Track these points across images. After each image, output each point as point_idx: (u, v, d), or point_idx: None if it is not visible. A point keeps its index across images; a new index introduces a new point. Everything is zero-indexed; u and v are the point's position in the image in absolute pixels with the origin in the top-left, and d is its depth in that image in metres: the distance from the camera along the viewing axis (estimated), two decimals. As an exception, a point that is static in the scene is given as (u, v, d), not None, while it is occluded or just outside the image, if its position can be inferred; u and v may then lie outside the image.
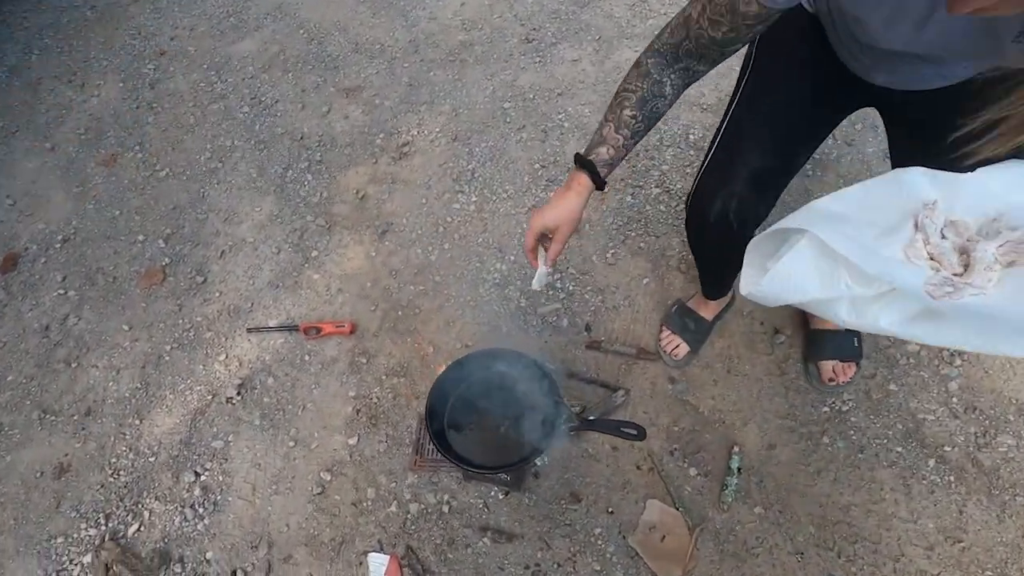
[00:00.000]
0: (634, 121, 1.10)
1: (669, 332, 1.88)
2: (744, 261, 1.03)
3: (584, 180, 1.13)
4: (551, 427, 1.50)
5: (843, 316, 0.97)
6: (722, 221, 1.36)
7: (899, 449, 1.65)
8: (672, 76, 1.08)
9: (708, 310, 1.86)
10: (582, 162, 1.13)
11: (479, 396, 1.64)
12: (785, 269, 0.95)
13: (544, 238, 1.21)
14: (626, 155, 1.14)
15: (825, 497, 1.60)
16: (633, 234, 2.14)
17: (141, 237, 2.35)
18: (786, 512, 1.59)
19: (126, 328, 2.10)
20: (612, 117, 1.11)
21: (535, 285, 1.23)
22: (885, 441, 1.66)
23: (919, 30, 0.88)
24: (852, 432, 1.69)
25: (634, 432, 1.39)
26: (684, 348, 1.84)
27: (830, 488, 1.61)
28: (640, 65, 1.09)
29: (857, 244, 0.91)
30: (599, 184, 1.14)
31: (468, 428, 1.64)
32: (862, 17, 0.93)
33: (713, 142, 1.39)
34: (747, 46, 1.28)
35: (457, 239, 2.21)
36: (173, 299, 2.16)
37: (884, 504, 1.58)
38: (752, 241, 1.01)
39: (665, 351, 1.85)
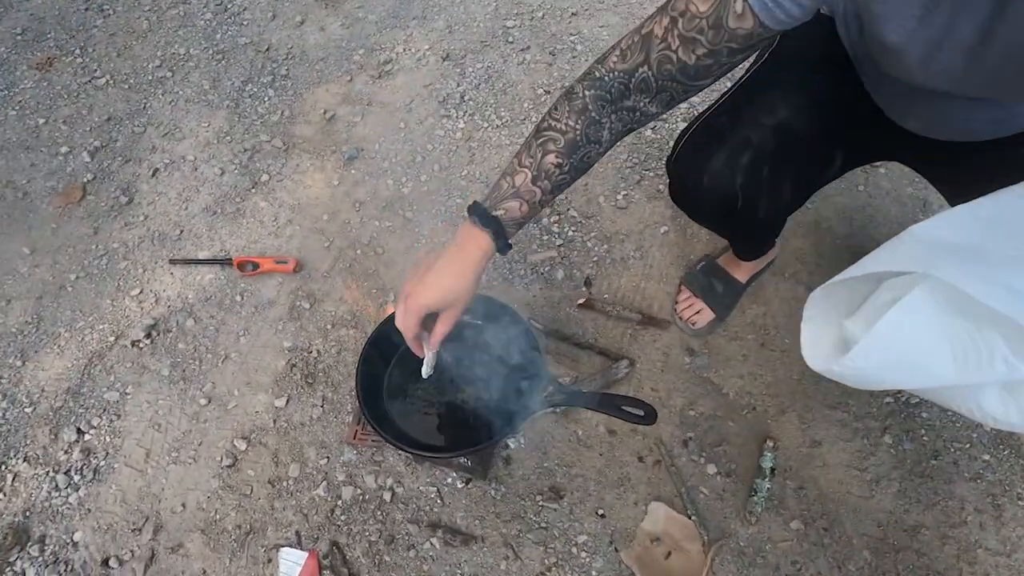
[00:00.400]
0: (559, 171, 0.84)
1: (689, 294, 1.48)
2: (804, 320, 0.77)
3: (484, 243, 0.86)
4: (529, 399, 1.11)
5: (991, 410, 0.66)
6: (721, 186, 0.99)
7: (986, 457, 1.25)
8: (613, 117, 0.83)
9: (742, 270, 1.46)
10: (484, 219, 0.86)
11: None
12: (890, 336, 0.64)
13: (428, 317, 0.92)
14: (539, 213, 0.89)
15: (886, 514, 1.21)
16: (651, 174, 1.73)
17: (65, 149, 1.97)
18: (833, 530, 1.20)
19: (27, 251, 1.72)
20: (530, 163, 0.84)
21: (425, 374, 1.05)
22: (967, 446, 1.27)
23: (974, 58, 0.65)
24: (923, 432, 1.29)
25: (640, 413, 1.00)
26: (707, 315, 1.45)
27: (892, 503, 1.22)
28: (574, 97, 0.83)
29: (1019, 295, 0.59)
30: (503, 248, 0.88)
31: (418, 396, 1.26)
32: (897, 44, 0.69)
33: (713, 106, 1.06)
34: None
35: (437, 170, 1.81)
36: (90, 221, 1.79)
37: (966, 529, 1.19)
38: (816, 292, 0.74)
39: (682, 317, 1.46)
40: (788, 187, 1.02)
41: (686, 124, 1.78)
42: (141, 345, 1.53)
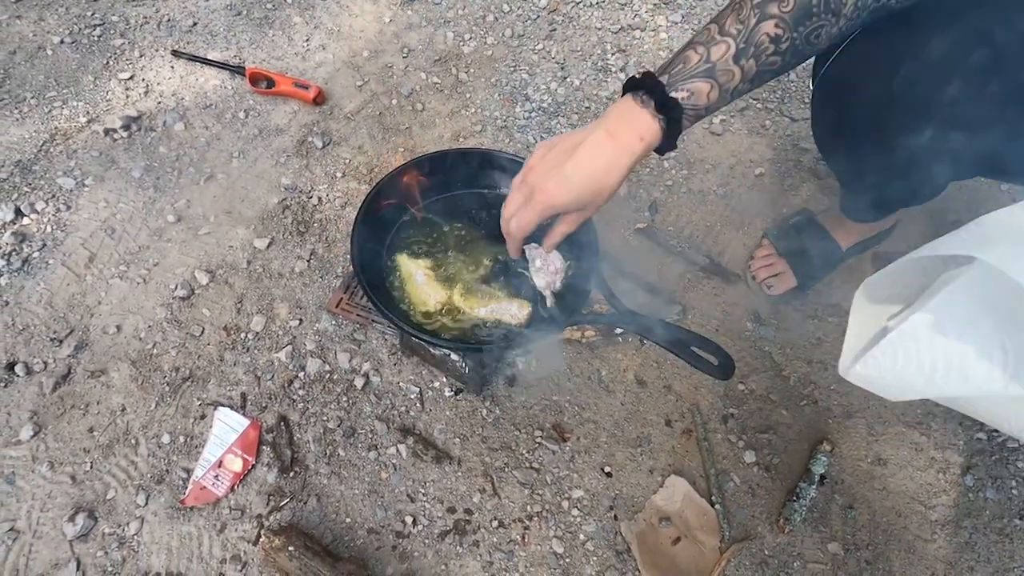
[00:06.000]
0: (773, 49, 0.64)
1: (772, 251, 1.21)
2: (850, 321, 0.67)
3: (649, 132, 0.66)
4: (571, 306, 0.87)
5: None
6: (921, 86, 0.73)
7: (1082, 533, 1.02)
8: None
9: (846, 233, 1.18)
10: (659, 99, 0.65)
11: (460, 222, 1.00)
12: (924, 331, 0.56)
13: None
14: (722, 106, 0.68)
15: (944, 566, 0.99)
16: (759, 105, 1.43)
17: (85, -101, 1.65)
18: (876, 566, 0.98)
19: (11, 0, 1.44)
20: (737, 30, 0.64)
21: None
22: (1062, 514, 1.03)
23: None
24: (1014, 484, 1.05)
25: (715, 361, 0.75)
26: (788, 280, 1.18)
27: (955, 555, 1.00)
28: None
29: None
30: (666, 145, 0.68)
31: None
32: None
33: None
34: None
35: (508, 36, 1.51)
36: (92, -16, 1.49)
37: (1036, 608, 0.97)
38: (861, 288, 0.65)
39: (756, 277, 1.20)
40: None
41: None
42: (116, 136, 1.27)
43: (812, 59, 0.91)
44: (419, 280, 0.91)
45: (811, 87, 0.94)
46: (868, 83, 0.81)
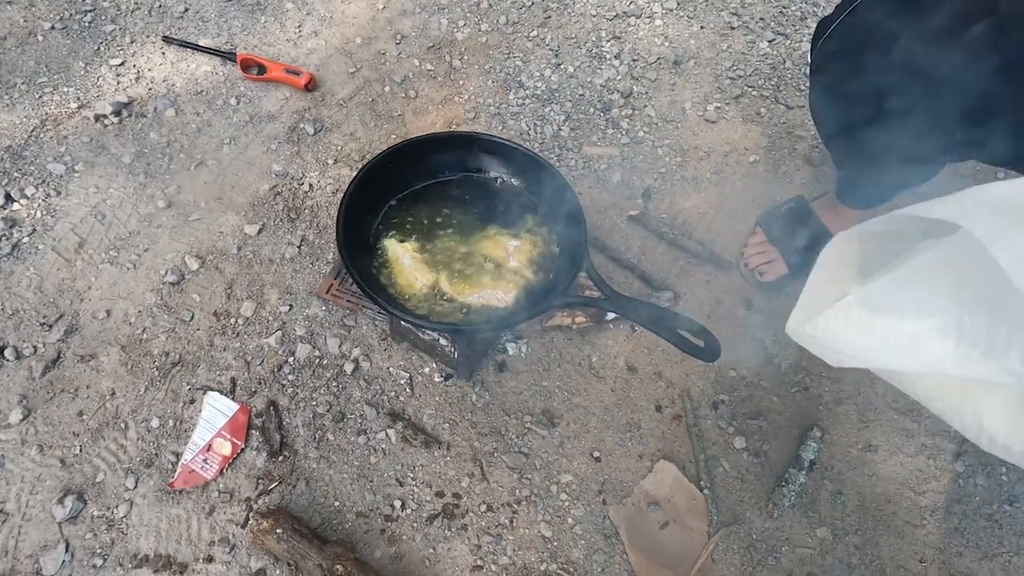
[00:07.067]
0: None
1: (764, 239, 1.21)
2: (809, 279, 0.66)
3: None
4: (558, 289, 0.87)
5: (992, 425, 0.56)
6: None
7: (1071, 519, 1.02)
8: None
9: (840, 221, 1.18)
10: None
11: (446, 206, 1.00)
12: (880, 298, 0.54)
13: None
14: None
15: (933, 551, 0.99)
16: (754, 92, 1.42)
17: None
18: (865, 551, 0.98)
19: (3, -17, 1.43)
20: None
21: None
22: (1052, 500, 1.03)
23: None
24: (1004, 471, 1.05)
25: (701, 343, 0.75)
26: (779, 267, 1.18)
27: (944, 540, 1.00)
28: None
29: None
30: None
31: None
32: None
33: None
34: None
35: (503, 23, 1.50)
36: (83, -30, 1.48)
37: (1025, 593, 0.97)
38: (841, 235, 0.63)
39: (748, 264, 1.19)
40: None
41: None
42: (107, 122, 1.27)
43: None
44: (406, 263, 0.91)
45: (809, 59, 0.92)
46: (866, 52, 0.79)
